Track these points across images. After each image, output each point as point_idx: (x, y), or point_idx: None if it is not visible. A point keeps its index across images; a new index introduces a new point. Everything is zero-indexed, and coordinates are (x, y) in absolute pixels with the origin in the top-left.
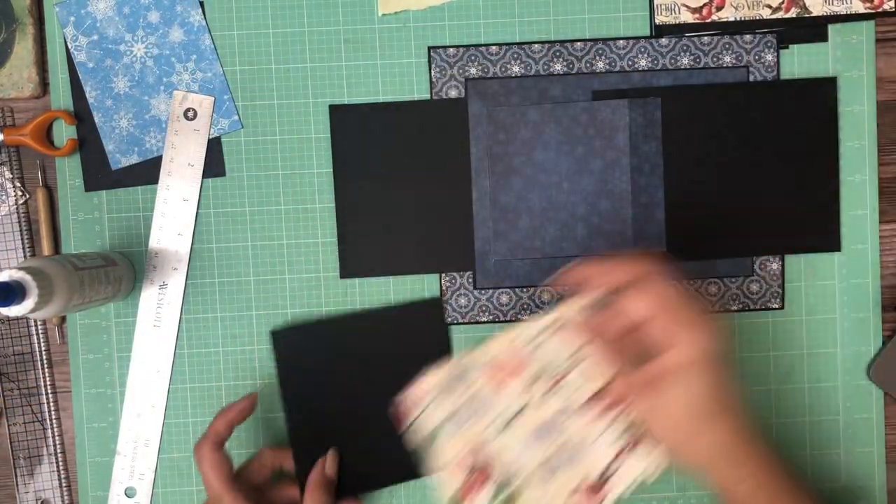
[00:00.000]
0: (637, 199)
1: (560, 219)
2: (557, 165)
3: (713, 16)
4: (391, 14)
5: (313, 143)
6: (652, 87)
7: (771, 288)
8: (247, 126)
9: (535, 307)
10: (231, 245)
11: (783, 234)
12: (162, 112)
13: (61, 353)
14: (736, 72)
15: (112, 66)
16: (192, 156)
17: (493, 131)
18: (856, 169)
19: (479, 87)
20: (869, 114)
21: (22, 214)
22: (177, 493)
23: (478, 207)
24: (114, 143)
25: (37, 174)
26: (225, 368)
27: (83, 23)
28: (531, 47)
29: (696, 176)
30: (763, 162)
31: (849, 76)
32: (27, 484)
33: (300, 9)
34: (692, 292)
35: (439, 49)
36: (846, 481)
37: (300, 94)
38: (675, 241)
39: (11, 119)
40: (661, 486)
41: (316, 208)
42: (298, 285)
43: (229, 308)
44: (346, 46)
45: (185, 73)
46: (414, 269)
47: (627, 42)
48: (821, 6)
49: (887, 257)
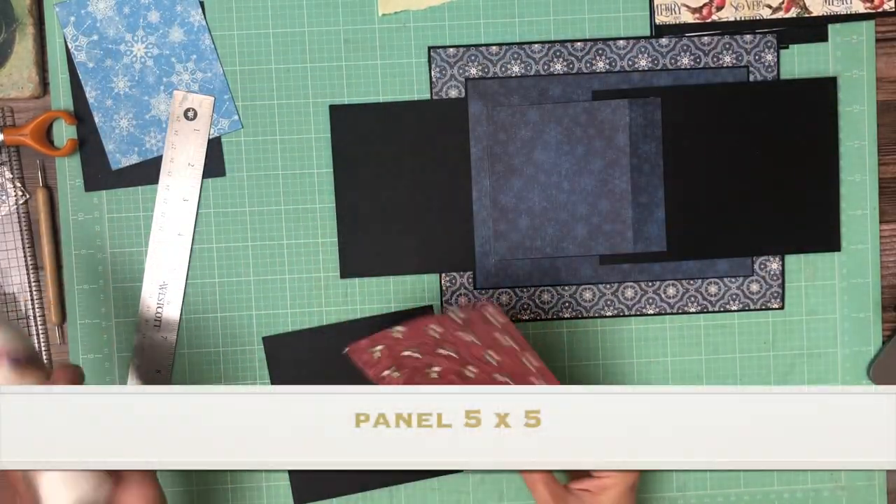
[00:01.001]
0: (637, 199)
1: (560, 219)
2: (557, 165)
3: (713, 16)
4: (391, 14)
5: (313, 143)
6: (652, 87)
7: (771, 288)
8: (247, 126)
9: (536, 307)
10: (231, 245)
11: (783, 234)
12: (162, 112)
13: (61, 353)
14: (736, 72)
15: (112, 66)
16: (192, 156)
17: (493, 131)
18: (856, 169)
19: (479, 87)
20: (869, 114)
21: (22, 214)
22: (177, 493)
23: (478, 207)
24: (114, 143)
25: (37, 174)
26: (225, 368)
27: (83, 23)
28: (531, 47)
29: (696, 176)
30: (763, 162)
31: (849, 76)
32: None
33: (300, 9)
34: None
35: (439, 49)
36: (846, 481)
37: (300, 94)
38: (675, 241)
39: (11, 119)
40: (661, 485)
41: (316, 208)
42: (298, 285)
43: (229, 308)
44: (346, 46)
45: (185, 73)
46: (414, 269)
47: (627, 42)
48: (821, 6)
49: (887, 257)
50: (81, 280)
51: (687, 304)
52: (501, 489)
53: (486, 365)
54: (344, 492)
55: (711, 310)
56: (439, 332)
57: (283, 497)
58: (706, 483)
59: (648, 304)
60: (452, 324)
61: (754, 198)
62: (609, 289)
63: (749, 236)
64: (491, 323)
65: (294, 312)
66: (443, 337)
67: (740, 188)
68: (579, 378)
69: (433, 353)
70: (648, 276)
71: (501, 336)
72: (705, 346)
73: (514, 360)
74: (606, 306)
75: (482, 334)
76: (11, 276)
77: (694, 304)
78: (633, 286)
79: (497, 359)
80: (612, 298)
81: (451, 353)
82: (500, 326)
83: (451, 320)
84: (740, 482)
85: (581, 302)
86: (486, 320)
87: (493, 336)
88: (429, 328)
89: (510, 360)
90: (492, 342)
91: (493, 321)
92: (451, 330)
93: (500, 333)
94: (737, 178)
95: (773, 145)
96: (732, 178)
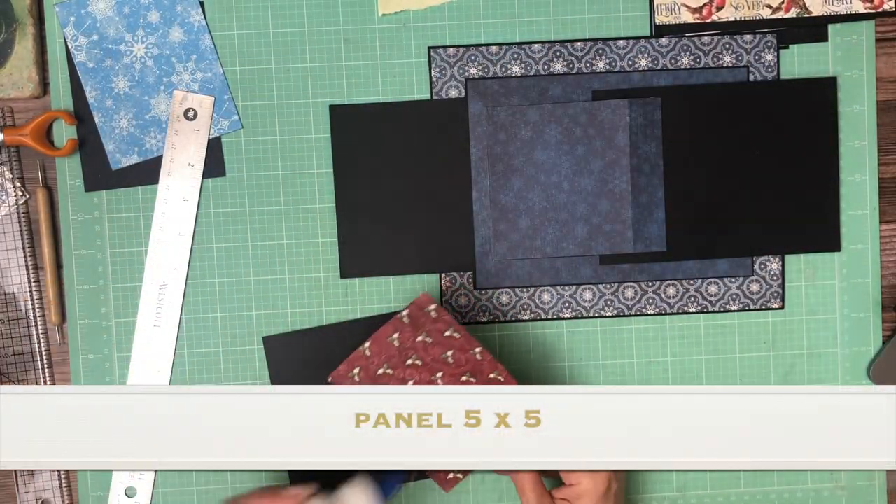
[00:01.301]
0: (637, 199)
1: (560, 219)
2: (557, 165)
3: (713, 16)
4: (391, 14)
5: (313, 143)
6: (652, 87)
7: (771, 288)
8: (247, 126)
9: (536, 307)
10: (231, 245)
11: (783, 234)
12: (162, 112)
13: (61, 353)
14: (736, 72)
15: (112, 66)
16: (192, 156)
17: (493, 131)
18: (856, 169)
19: (479, 87)
20: (869, 114)
21: (22, 214)
22: (177, 493)
23: (478, 207)
24: (114, 143)
25: (37, 174)
26: (225, 368)
27: (83, 23)
28: (531, 47)
29: (696, 176)
30: (763, 162)
31: (849, 76)
32: (27, 484)
33: (300, 9)
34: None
35: (439, 49)
36: (846, 481)
37: (300, 94)
38: (675, 241)
39: (11, 119)
40: (661, 485)
41: (316, 208)
42: (298, 285)
43: (229, 308)
44: (346, 46)
45: (185, 73)
46: (414, 269)
47: (627, 42)
48: (821, 6)
49: (887, 257)
50: (81, 280)
51: (687, 304)
52: (501, 489)
53: (448, 367)
54: None
55: (711, 310)
56: (399, 340)
57: None
58: (706, 483)
59: (648, 304)
60: (404, 325)
61: (754, 198)
62: (609, 289)
63: (749, 236)
64: (428, 315)
65: (294, 312)
66: (402, 344)
67: (740, 188)
68: (579, 378)
69: (403, 366)
70: (648, 276)
71: (444, 327)
72: (705, 346)
73: (468, 356)
74: (606, 306)
75: (430, 330)
76: (11, 276)
77: (694, 304)
78: (633, 286)
79: (454, 358)
80: (612, 298)
81: (417, 362)
82: (434, 316)
83: (402, 322)
84: (740, 482)
85: (581, 302)
86: (425, 313)
87: (437, 328)
88: (390, 338)
89: (464, 356)
90: (440, 338)
91: (430, 313)
92: (407, 335)
93: (441, 325)
94: (737, 178)
95: (773, 145)
96: (732, 178)
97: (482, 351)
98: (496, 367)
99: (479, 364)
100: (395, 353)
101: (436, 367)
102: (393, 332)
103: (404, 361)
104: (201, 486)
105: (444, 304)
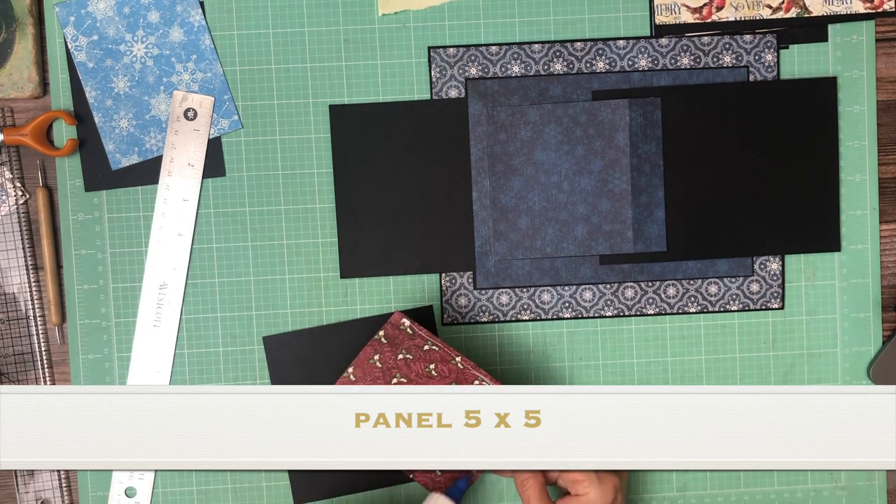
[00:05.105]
0: (637, 199)
1: (560, 219)
2: (557, 165)
3: (713, 16)
4: (391, 14)
5: (313, 143)
6: (652, 87)
7: (771, 288)
8: (247, 126)
9: (536, 307)
10: (231, 245)
11: (783, 234)
12: (162, 112)
13: (61, 353)
14: (736, 72)
15: (112, 66)
16: (192, 156)
17: (493, 131)
18: (856, 169)
19: (479, 87)
20: (869, 114)
21: (22, 214)
22: (177, 493)
23: (478, 207)
24: (114, 143)
25: (37, 174)
26: (225, 368)
27: (83, 23)
28: (531, 47)
29: (696, 176)
30: (763, 162)
31: (849, 76)
32: (27, 484)
33: (300, 9)
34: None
35: (439, 49)
36: (846, 481)
37: (300, 94)
38: (675, 241)
39: (11, 119)
40: (661, 485)
41: (316, 208)
42: (298, 285)
43: (229, 308)
44: (346, 46)
45: (185, 73)
46: (414, 269)
47: (627, 42)
48: (821, 6)
49: (887, 257)
50: (81, 280)
51: (687, 304)
52: (501, 489)
53: (433, 380)
54: (344, 492)
55: (711, 310)
56: (380, 361)
57: (283, 497)
58: (706, 483)
59: (648, 304)
60: (383, 346)
61: (754, 198)
62: (609, 289)
63: (749, 236)
64: (404, 332)
65: (294, 312)
66: (385, 364)
67: (740, 188)
68: (579, 378)
69: (389, 386)
70: (648, 276)
71: (422, 342)
72: (705, 346)
73: (450, 366)
74: (606, 306)
75: (409, 346)
76: (11, 276)
77: (694, 304)
78: (633, 286)
79: (437, 370)
80: (612, 298)
81: (402, 380)
82: (410, 333)
83: (380, 343)
84: (740, 482)
85: (581, 302)
86: (401, 331)
87: (416, 343)
88: (371, 360)
89: (446, 367)
90: (420, 353)
91: (405, 331)
92: (387, 355)
93: (419, 340)
94: (737, 178)
95: (773, 145)
96: (732, 178)
97: (462, 359)
98: (479, 372)
99: (461, 372)
100: (380, 374)
101: (421, 382)
102: (373, 354)
103: (390, 381)
104: (201, 486)
105: (445, 303)
